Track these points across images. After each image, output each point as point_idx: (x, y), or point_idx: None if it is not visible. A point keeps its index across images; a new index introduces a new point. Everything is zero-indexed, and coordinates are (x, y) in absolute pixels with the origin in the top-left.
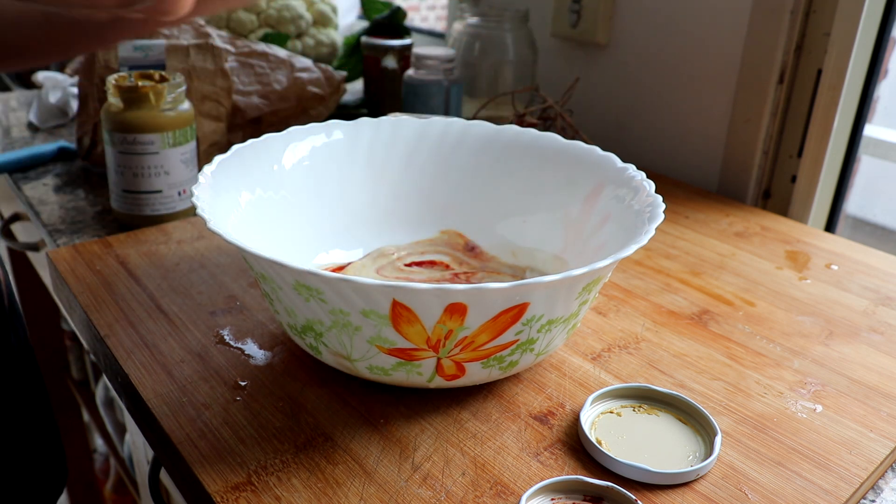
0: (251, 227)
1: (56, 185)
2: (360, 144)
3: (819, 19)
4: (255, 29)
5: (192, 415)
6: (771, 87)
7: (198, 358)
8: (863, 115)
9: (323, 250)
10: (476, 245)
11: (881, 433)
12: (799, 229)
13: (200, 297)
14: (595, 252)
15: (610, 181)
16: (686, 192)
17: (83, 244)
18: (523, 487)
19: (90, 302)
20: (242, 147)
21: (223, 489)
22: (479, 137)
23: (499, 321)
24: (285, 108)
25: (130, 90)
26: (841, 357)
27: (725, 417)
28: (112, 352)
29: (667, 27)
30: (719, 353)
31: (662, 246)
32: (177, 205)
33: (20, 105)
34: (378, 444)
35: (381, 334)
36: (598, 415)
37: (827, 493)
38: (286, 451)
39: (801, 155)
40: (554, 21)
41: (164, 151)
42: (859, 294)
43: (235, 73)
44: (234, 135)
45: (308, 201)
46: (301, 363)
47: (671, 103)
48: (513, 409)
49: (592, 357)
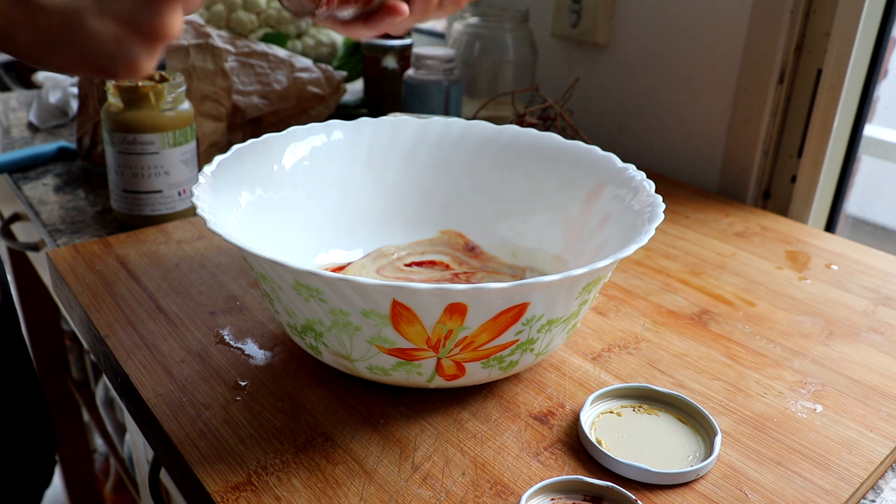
0: (251, 227)
1: (56, 185)
2: (360, 144)
3: (819, 19)
4: (255, 29)
5: (192, 415)
6: (771, 87)
7: (198, 358)
8: (863, 115)
9: (323, 250)
10: (476, 245)
11: (881, 433)
12: (799, 229)
13: (200, 297)
14: (595, 252)
15: (610, 181)
16: (686, 192)
17: (83, 244)
18: (523, 487)
19: (90, 302)
20: (242, 147)
21: (223, 489)
22: (479, 137)
23: (499, 321)
24: (285, 108)
25: (130, 90)
26: (841, 357)
27: (725, 417)
28: (112, 352)
29: (667, 27)
30: (719, 353)
31: (662, 246)
32: (177, 205)
33: (20, 105)
34: (378, 444)
35: (381, 334)
36: (598, 415)
37: (827, 493)
38: (286, 451)
39: (801, 155)
40: (554, 21)
41: (164, 151)
42: (859, 294)
43: (235, 73)
44: (234, 135)
45: (308, 201)
46: (301, 363)
47: (671, 103)
48: (513, 409)
49: (592, 357)
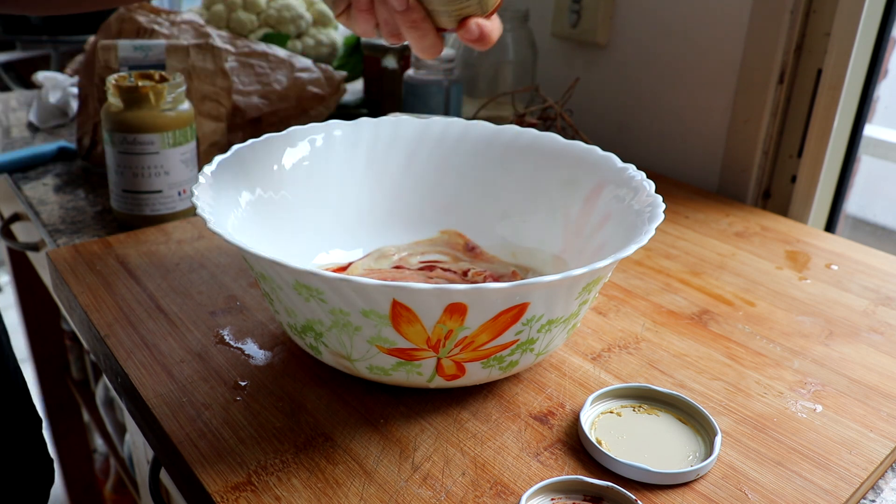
0: (251, 227)
1: (56, 185)
2: (360, 144)
3: (819, 19)
4: (255, 29)
5: (192, 415)
6: (771, 87)
7: (198, 358)
8: (863, 115)
9: (323, 250)
10: (476, 245)
11: (881, 433)
12: (799, 229)
13: (200, 297)
14: (595, 252)
15: (610, 181)
16: (686, 192)
17: (83, 244)
18: (523, 487)
19: (90, 302)
20: (242, 147)
21: (223, 489)
22: (479, 137)
23: (499, 321)
24: (285, 108)
25: (130, 90)
26: (841, 357)
27: (725, 417)
28: (112, 352)
29: (667, 27)
30: (719, 353)
31: (662, 246)
32: (177, 205)
33: (20, 105)
34: (378, 444)
35: (381, 334)
36: (598, 415)
37: (827, 493)
38: (286, 451)
39: (801, 155)
40: (554, 21)
41: (164, 151)
42: (859, 294)
43: (235, 73)
44: (234, 135)
45: (308, 201)
46: (301, 363)
47: (671, 103)
48: (513, 409)
49: (592, 357)
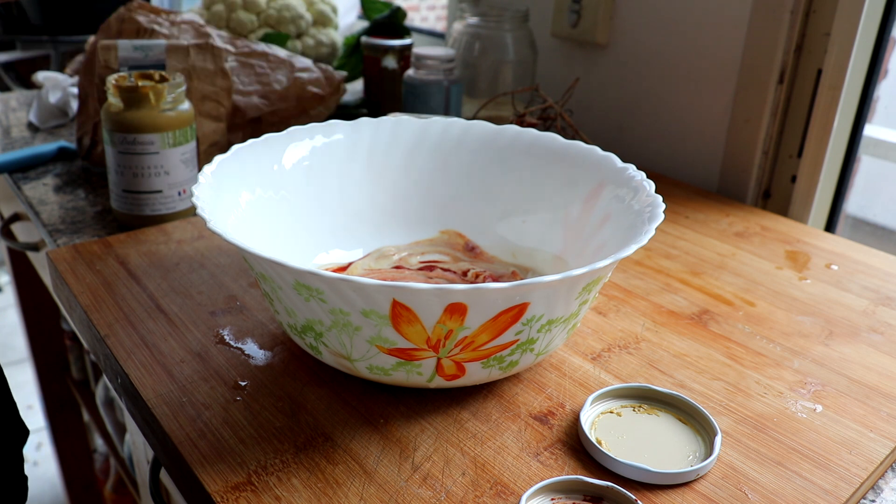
0: (251, 227)
1: (56, 185)
2: (360, 144)
3: (819, 19)
4: (255, 29)
5: (192, 415)
6: (771, 87)
7: (198, 358)
8: (863, 115)
9: (323, 250)
10: (476, 245)
11: (881, 433)
12: (799, 229)
13: (200, 297)
14: (595, 252)
15: (610, 181)
16: (686, 192)
17: (83, 244)
18: (523, 487)
19: (90, 302)
20: (242, 147)
21: (223, 489)
22: (479, 137)
23: (499, 321)
24: (285, 108)
25: (130, 90)
26: (841, 357)
27: (725, 417)
28: (112, 352)
29: (667, 27)
30: (719, 353)
31: (662, 246)
32: (177, 205)
33: (20, 105)
34: (378, 444)
35: (381, 334)
36: (598, 415)
37: (827, 493)
38: (286, 451)
39: (801, 155)
40: (554, 21)
41: (164, 151)
42: (859, 294)
43: (235, 73)
44: (234, 135)
45: (308, 201)
46: (301, 363)
47: (671, 103)
48: (513, 409)
49: (592, 357)
